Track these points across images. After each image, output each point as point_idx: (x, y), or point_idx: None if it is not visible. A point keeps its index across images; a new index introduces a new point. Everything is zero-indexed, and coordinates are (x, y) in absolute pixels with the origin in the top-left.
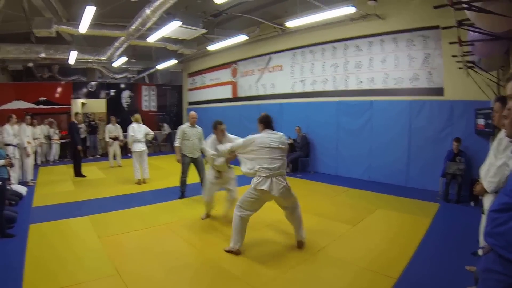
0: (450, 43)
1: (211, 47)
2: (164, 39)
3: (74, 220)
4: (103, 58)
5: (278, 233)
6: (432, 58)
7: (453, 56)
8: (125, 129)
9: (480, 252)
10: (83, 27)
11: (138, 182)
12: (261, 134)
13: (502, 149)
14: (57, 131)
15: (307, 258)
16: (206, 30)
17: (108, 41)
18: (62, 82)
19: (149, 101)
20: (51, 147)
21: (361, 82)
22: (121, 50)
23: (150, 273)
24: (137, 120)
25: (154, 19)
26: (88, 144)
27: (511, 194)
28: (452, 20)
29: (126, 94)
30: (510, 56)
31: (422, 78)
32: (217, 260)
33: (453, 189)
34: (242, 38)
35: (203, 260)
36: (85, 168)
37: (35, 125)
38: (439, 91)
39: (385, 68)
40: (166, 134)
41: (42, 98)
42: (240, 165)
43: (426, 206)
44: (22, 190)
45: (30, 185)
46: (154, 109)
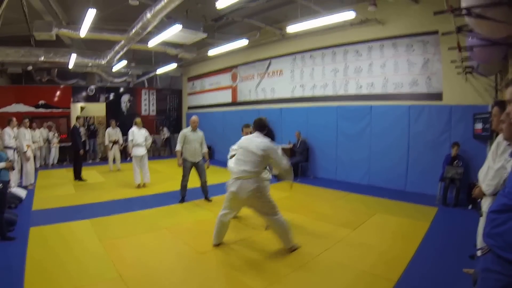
0: (450, 49)
1: (211, 52)
2: (164, 43)
3: (75, 223)
4: (103, 62)
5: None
6: (431, 63)
7: (452, 61)
8: (124, 133)
9: (479, 252)
10: (84, 31)
11: (138, 186)
12: (247, 136)
13: (500, 152)
14: (56, 135)
15: (307, 262)
16: (206, 35)
17: (107, 45)
18: (62, 86)
19: (148, 105)
20: (50, 151)
21: (360, 87)
22: (121, 54)
23: (152, 276)
24: (138, 124)
25: (155, 23)
26: (87, 148)
27: (510, 196)
28: (451, 25)
29: (125, 98)
30: (508, 61)
31: (421, 83)
32: (219, 263)
33: (451, 193)
34: (243, 42)
35: (205, 263)
36: (84, 172)
37: (35, 128)
38: (438, 96)
39: (384, 73)
40: (165, 138)
41: (42, 102)
42: None
43: (424, 210)
44: (22, 193)
45: (30, 188)
46: (154, 113)
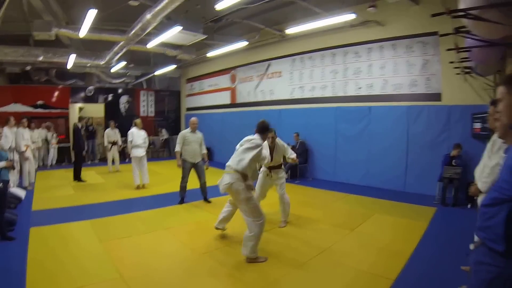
0: (448, 50)
1: (211, 53)
2: (163, 45)
3: (75, 224)
4: (102, 63)
5: (277, 235)
6: (430, 64)
7: (450, 62)
8: (123, 134)
9: (471, 246)
10: (83, 31)
11: (138, 187)
12: (248, 136)
13: (495, 150)
14: (55, 135)
15: (306, 262)
16: (206, 36)
17: (106, 45)
18: (60, 86)
19: (147, 106)
20: (49, 151)
21: (359, 88)
22: (120, 54)
23: (153, 277)
24: (137, 125)
25: (155, 24)
26: (86, 148)
27: (500, 189)
28: (450, 27)
29: (124, 99)
30: (505, 61)
31: (420, 84)
32: (218, 264)
33: (450, 193)
34: (242, 44)
35: (205, 264)
36: (83, 173)
37: (33, 128)
38: (437, 97)
39: (384, 74)
40: (164, 139)
41: (40, 102)
42: None
43: (423, 210)
44: (21, 193)
45: (29, 189)
46: (152, 114)
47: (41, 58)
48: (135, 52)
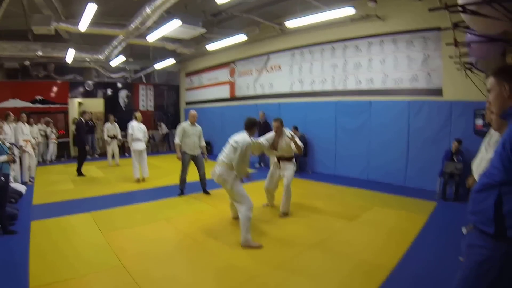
0: (447, 44)
1: (210, 47)
2: (162, 39)
3: (76, 216)
4: (101, 57)
5: (276, 225)
6: (431, 59)
7: (450, 57)
8: (123, 128)
9: (464, 230)
10: (83, 25)
11: (138, 181)
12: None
13: (492, 143)
14: (54, 131)
15: (303, 250)
16: (205, 30)
17: (105, 39)
18: (59, 81)
19: (146, 100)
20: (48, 147)
21: (360, 82)
22: (119, 49)
23: (154, 264)
24: (137, 118)
25: (154, 18)
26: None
27: (490, 175)
28: (451, 22)
29: (123, 94)
30: (506, 58)
31: (421, 79)
32: (219, 252)
33: (451, 188)
34: (241, 37)
35: (205, 252)
36: (83, 167)
37: (32, 124)
38: (438, 92)
39: (384, 68)
40: (163, 133)
41: (39, 97)
42: None
43: (423, 204)
44: (22, 188)
45: (29, 184)
46: (151, 108)
47: (40, 53)
48: (135, 46)
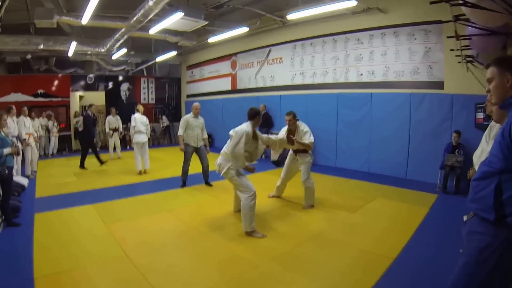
0: (448, 37)
1: (212, 39)
2: (164, 31)
3: (79, 208)
4: (102, 50)
5: (278, 215)
6: (433, 52)
7: (451, 50)
8: (124, 121)
9: (465, 218)
10: (86, 18)
11: (139, 173)
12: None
13: (493, 135)
14: (55, 124)
15: (305, 241)
16: (207, 22)
17: (107, 32)
18: (60, 75)
19: (147, 93)
20: (50, 140)
21: (361, 74)
22: (121, 42)
23: (157, 254)
24: (140, 110)
25: (157, 11)
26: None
27: (489, 163)
28: (452, 15)
29: (125, 87)
30: (507, 50)
31: (422, 72)
32: (221, 243)
33: (451, 181)
34: (243, 30)
35: (207, 243)
36: (85, 160)
37: (33, 117)
38: (440, 85)
39: (385, 61)
40: (164, 126)
41: (40, 91)
42: None
43: (424, 196)
44: (24, 181)
45: (31, 177)
46: (153, 101)
47: (41, 47)
48: (136, 39)
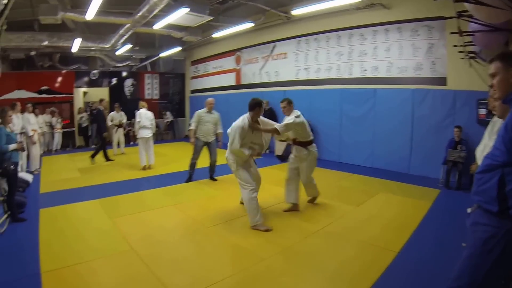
0: (451, 33)
1: (216, 35)
2: (169, 26)
3: (84, 203)
4: (107, 46)
5: (281, 212)
6: (436, 48)
7: (454, 46)
8: (128, 117)
9: (468, 210)
10: (91, 14)
11: (144, 168)
12: None
13: (495, 130)
14: (59, 120)
15: (314, 232)
16: (212, 17)
17: (111, 28)
18: (64, 71)
19: (151, 89)
20: (54, 137)
21: (365, 70)
22: (125, 37)
23: (163, 248)
24: (144, 106)
25: (161, 6)
26: (89, 133)
27: (493, 157)
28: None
29: (128, 83)
30: (509, 47)
31: (425, 68)
32: (227, 235)
33: (454, 176)
34: (248, 25)
35: (213, 236)
36: (89, 156)
37: (37, 114)
38: (442, 81)
39: (389, 57)
40: (168, 122)
41: (44, 87)
42: None
43: (427, 191)
44: (29, 177)
45: (35, 173)
46: (157, 97)
47: (45, 43)
48: (140, 34)
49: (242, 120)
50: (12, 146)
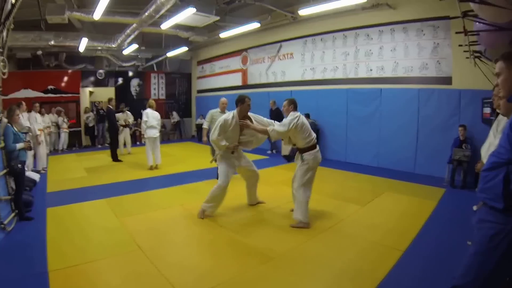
0: (457, 33)
1: (223, 35)
2: (175, 26)
3: (91, 203)
4: (113, 46)
5: (287, 212)
6: (441, 48)
7: (459, 45)
8: (134, 117)
9: (474, 207)
10: (98, 14)
11: (151, 168)
12: None
13: (500, 128)
14: (65, 120)
15: (318, 234)
16: (218, 17)
17: (117, 28)
18: (70, 71)
19: (157, 89)
20: (60, 136)
21: (371, 70)
22: (132, 37)
23: (170, 247)
24: (151, 106)
25: (168, 6)
26: (95, 133)
27: (498, 154)
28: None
29: (135, 82)
30: None
31: (431, 67)
32: (234, 235)
33: (459, 175)
34: (254, 25)
35: (220, 235)
36: (95, 156)
37: (43, 113)
38: (448, 80)
39: (394, 57)
40: (175, 122)
41: (51, 87)
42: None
43: (432, 190)
44: (35, 176)
45: (42, 172)
46: (163, 97)
47: (52, 42)
48: (146, 34)
49: (229, 114)
50: (19, 145)
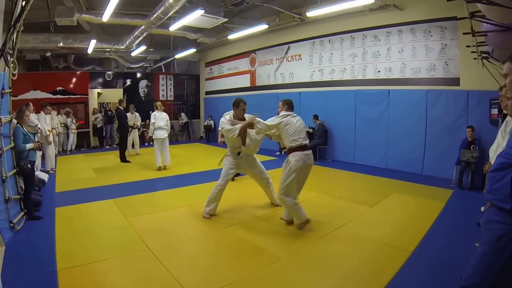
0: (464, 34)
1: (232, 36)
2: (184, 28)
3: (100, 203)
4: (122, 47)
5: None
6: (449, 49)
7: (467, 46)
8: (143, 118)
9: (482, 208)
10: (106, 16)
11: (159, 169)
12: None
13: (508, 130)
14: (74, 121)
15: (328, 233)
16: (226, 19)
17: (126, 30)
18: (79, 72)
19: (166, 90)
20: (68, 137)
21: (378, 71)
22: (140, 39)
23: (179, 247)
24: (159, 107)
25: (177, 8)
26: (104, 134)
27: (506, 155)
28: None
29: (143, 84)
30: None
31: (438, 68)
32: (243, 235)
33: (467, 176)
34: (262, 27)
35: (228, 235)
36: (103, 156)
37: (51, 113)
38: (455, 81)
39: (402, 58)
40: (183, 123)
41: (59, 88)
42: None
43: (440, 192)
44: (44, 177)
45: (51, 173)
46: (171, 98)
47: (61, 44)
48: (155, 36)
49: (226, 114)
50: (29, 146)
